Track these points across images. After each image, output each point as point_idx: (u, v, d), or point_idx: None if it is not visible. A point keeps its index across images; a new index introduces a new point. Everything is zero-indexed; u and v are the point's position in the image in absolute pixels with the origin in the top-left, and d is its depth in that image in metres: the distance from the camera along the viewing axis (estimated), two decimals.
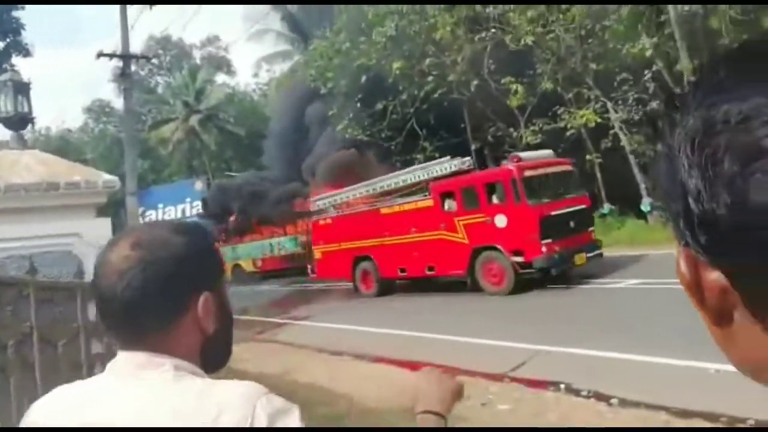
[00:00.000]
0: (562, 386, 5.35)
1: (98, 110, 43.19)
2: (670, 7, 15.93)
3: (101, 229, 3.66)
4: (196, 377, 0.88)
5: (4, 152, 3.79)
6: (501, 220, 10.25)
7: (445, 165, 12.76)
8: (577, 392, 5.21)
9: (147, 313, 0.87)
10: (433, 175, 12.49)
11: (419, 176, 12.93)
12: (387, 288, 12.82)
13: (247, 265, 23.44)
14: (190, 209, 31.53)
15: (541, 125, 18.61)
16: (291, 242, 22.19)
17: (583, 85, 18.22)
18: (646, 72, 16.93)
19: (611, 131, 17.60)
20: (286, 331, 10.23)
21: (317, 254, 14.66)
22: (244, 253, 23.75)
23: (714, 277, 0.38)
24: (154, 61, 41.41)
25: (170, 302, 0.89)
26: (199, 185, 31.61)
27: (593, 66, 17.79)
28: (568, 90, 18.44)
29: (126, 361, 0.89)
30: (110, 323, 0.91)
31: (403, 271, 12.22)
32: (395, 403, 5.43)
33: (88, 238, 3.51)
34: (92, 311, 3.31)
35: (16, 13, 18.49)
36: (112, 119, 41.61)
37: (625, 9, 16.83)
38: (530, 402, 5.11)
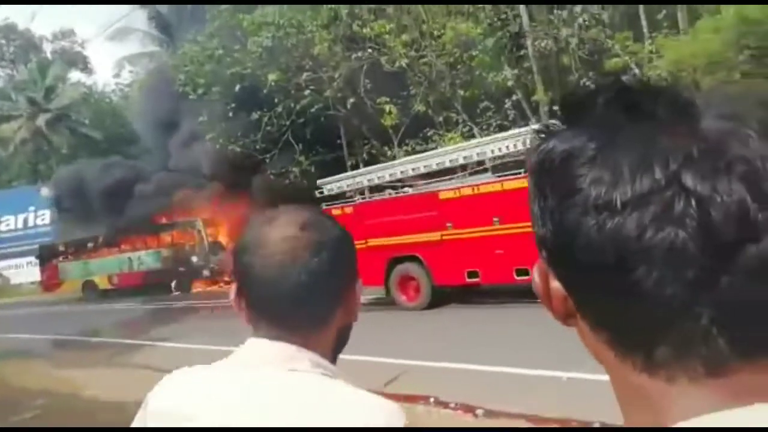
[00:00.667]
0: (432, 399, 5.44)
1: None
2: (529, 44, 17.45)
3: None
4: (340, 379, 0.81)
5: None
6: None
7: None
8: (445, 404, 5.33)
9: (316, 300, 0.80)
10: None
11: (503, 148, 9.54)
12: (440, 298, 9.87)
13: (102, 282, 21.42)
14: (35, 219, 28.21)
15: (413, 146, 19.29)
16: (152, 257, 20.67)
17: (451, 110, 19.24)
18: (506, 100, 18.30)
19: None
20: (144, 353, 9.41)
21: None
22: (98, 268, 21.68)
23: (556, 286, 0.46)
24: None
25: (338, 289, 0.83)
26: (45, 191, 28.36)
27: (461, 92, 18.87)
28: (438, 113, 19.36)
29: (275, 353, 0.80)
30: (268, 309, 0.82)
31: (473, 275, 9.32)
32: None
33: None
34: None
35: None
36: None
37: (491, 41, 18.12)
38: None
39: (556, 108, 2.13)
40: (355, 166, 21.17)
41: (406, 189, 10.82)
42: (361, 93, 19.11)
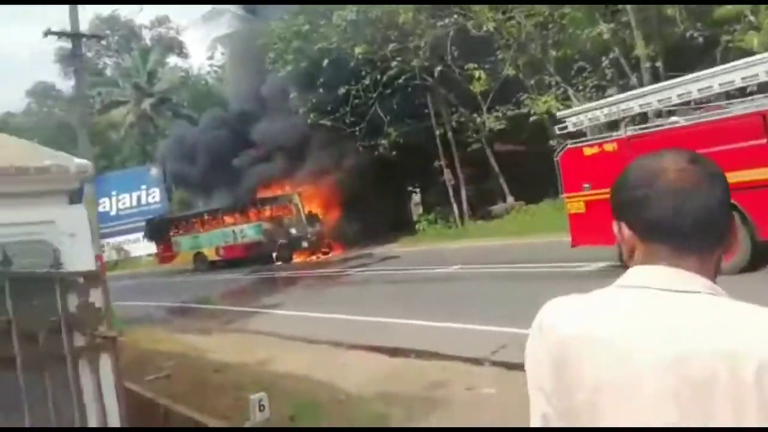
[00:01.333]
0: None
1: (42, 93, 41.10)
2: None
3: (75, 216, 3.43)
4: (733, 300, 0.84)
5: None
6: None
7: None
8: None
9: (717, 224, 0.86)
10: None
11: None
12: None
13: (210, 254, 22.96)
14: (146, 196, 30.55)
15: (504, 111, 18.79)
16: (254, 229, 21.81)
17: (544, 72, 18.46)
18: (603, 59, 17.28)
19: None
20: (256, 320, 10.04)
21: (575, 206, 9.06)
22: (206, 241, 23.23)
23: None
24: (102, 41, 39.71)
25: (727, 219, 0.88)
26: (155, 171, 30.58)
27: (553, 53, 18.02)
28: (529, 76, 18.66)
29: (672, 276, 0.85)
30: (668, 234, 0.86)
31: None
32: (375, 389, 5.41)
33: (62, 225, 3.28)
34: (72, 302, 3.11)
35: None
36: (58, 103, 39.68)
37: None
38: (515, 384, 5.15)
39: (658, 64, 2.18)
40: (444, 136, 21.01)
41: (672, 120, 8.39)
42: (448, 60, 18.77)
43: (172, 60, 41.46)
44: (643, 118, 9.65)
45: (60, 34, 11.29)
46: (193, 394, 5.68)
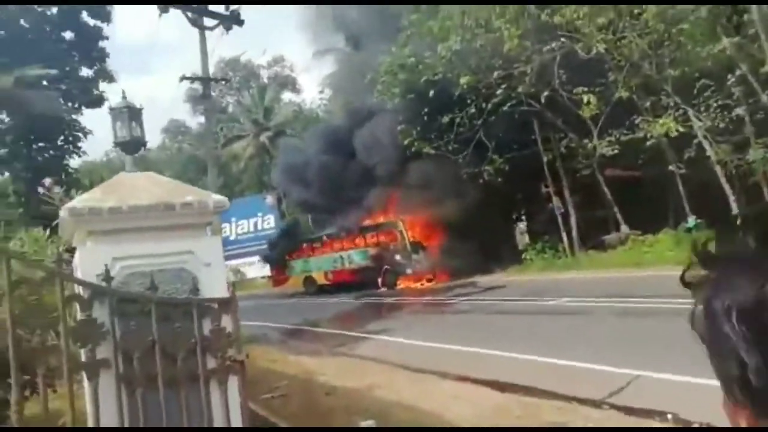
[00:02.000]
0: (669, 416, 5.05)
1: (174, 130, 45.46)
2: (754, 8, 15.06)
3: (211, 247, 3.79)
4: None
5: (123, 175, 4.00)
6: None
7: None
8: (688, 422, 4.91)
9: None
10: None
11: None
12: None
13: (319, 278, 23.90)
14: (262, 222, 32.54)
15: (618, 135, 17.97)
16: (360, 255, 22.43)
17: (660, 93, 17.48)
18: (729, 76, 16.05)
19: (695, 140, 16.74)
20: (364, 345, 10.26)
21: None
22: (315, 265, 24.25)
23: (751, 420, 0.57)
24: (226, 83, 43.34)
25: None
26: (269, 200, 32.60)
27: (671, 72, 17.03)
28: (643, 98, 17.76)
29: None
30: None
31: None
32: (484, 424, 5.33)
33: (200, 255, 3.65)
34: (207, 327, 3.43)
35: (101, 43, 19.85)
36: (186, 138, 43.66)
37: (704, 9, 16.06)
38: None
39: None
40: (552, 162, 20.46)
41: None
42: (555, 85, 18.36)
43: (287, 96, 44.25)
44: None
45: (192, 79, 12.52)
46: (305, 415, 5.92)
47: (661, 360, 6.37)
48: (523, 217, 23.90)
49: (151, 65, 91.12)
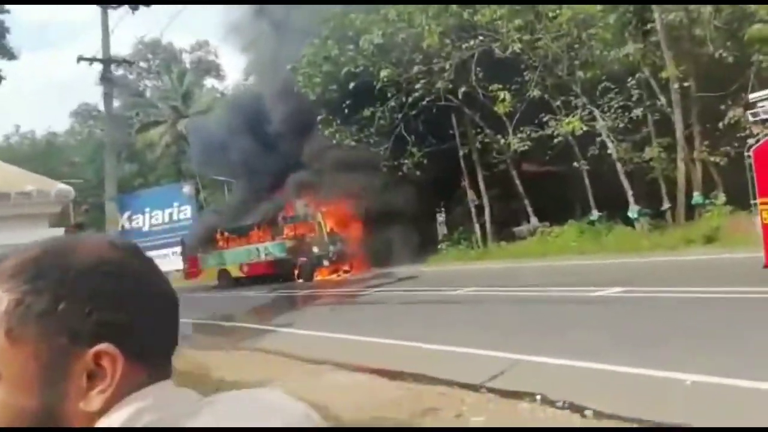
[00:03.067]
0: (538, 397, 5.28)
1: (85, 114, 42.89)
2: (657, 15, 16.05)
3: None
4: None
5: None
6: None
7: None
8: (552, 403, 5.14)
9: None
10: None
11: None
12: None
13: (234, 270, 23.32)
14: (178, 213, 31.34)
15: (528, 132, 18.67)
16: (277, 247, 22.10)
17: (570, 93, 18.31)
18: (630, 79, 17.04)
19: (598, 138, 17.68)
20: (269, 338, 10.10)
21: None
22: (230, 258, 23.64)
23: None
24: (143, 64, 41.29)
25: None
26: (187, 189, 31.42)
27: (580, 74, 17.87)
28: (555, 98, 18.54)
29: None
30: None
31: None
32: (369, 414, 5.37)
33: None
34: None
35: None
36: (99, 123, 41.28)
37: (612, 16, 16.94)
38: (504, 413, 5.05)
39: (687, 84, 1.95)
40: (468, 156, 20.97)
41: None
42: (472, 82, 18.79)
43: (210, 82, 42.76)
44: None
45: (91, 60, 11.78)
46: None
47: (544, 344, 6.69)
48: (442, 210, 24.37)
49: (57, 44, 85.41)
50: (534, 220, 19.75)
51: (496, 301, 10.66)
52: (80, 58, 11.83)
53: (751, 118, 7.95)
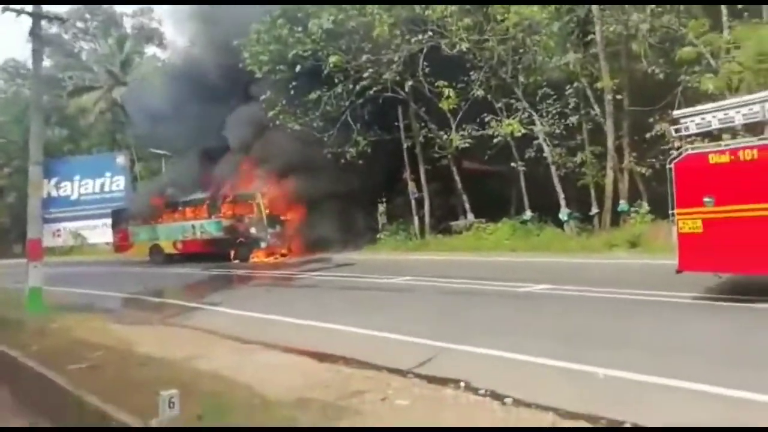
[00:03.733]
0: (462, 384, 5.51)
1: (12, 71, 40.10)
2: (597, 29, 16.79)
3: None
4: None
5: None
6: None
7: None
8: (475, 390, 5.38)
9: None
10: None
11: None
12: None
13: (167, 246, 22.66)
14: (110, 184, 30.02)
15: (470, 130, 19.13)
16: (214, 226, 21.63)
17: (512, 96, 18.89)
18: (568, 87, 17.77)
19: (535, 142, 18.35)
20: (198, 316, 9.95)
21: (689, 226, 7.64)
22: (163, 233, 22.94)
23: None
24: (80, 24, 39.04)
25: None
26: (121, 160, 30.11)
27: (521, 78, 18.45)
28: (498, 99, 19.07)
29: None
30: None
31: None
32: (295, 395, 5.45)
33: None
34: None
35: None
36: (27, 82, 38.71)
37: (557, 24, 17.58)
38: (429, 398, 5.25)
39: (620, 96, 2.15)
40: (412, 149, 21.24)
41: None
42: (419, 76, 19.03)
43: (151, 50, 40.95)
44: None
45: (18, 12, 11.01)
46: (112, 387, 5.62)
47: (472, 335, 6.98)
48: (384, 200, 24.62)
49: None
50: (471, 215, 20.31)
51: (429, 291, 10.95)
52: (6, 8, 11.05)
53: (674, 133, 8.52)
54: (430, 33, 18.67)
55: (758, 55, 13.17)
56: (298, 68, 19.56)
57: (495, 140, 18.61)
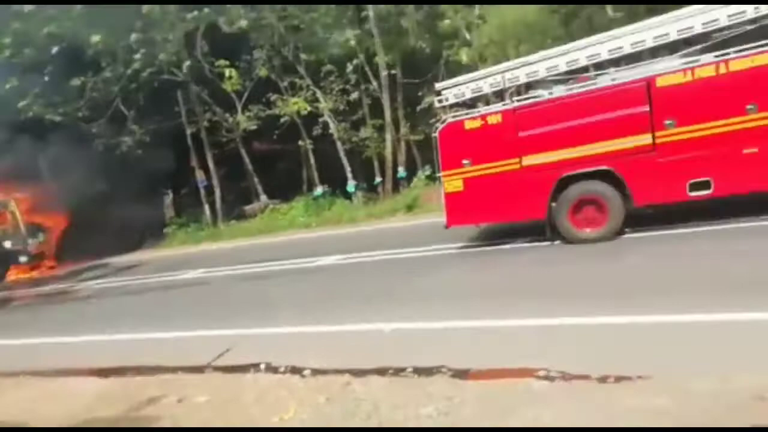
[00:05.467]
0: (262, 366, 5.49)
1: None
2: (370, 6, 17.56)
3: None
4: None
5: None
6: None
7: None
8: (275, 369, 5.40)
9: None
10: None
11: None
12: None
13: None
14: None
15: (256, 111, 18.80)
16: None
17: (296, 74, 18.95)
18: (348, 64, 18.44)
19: (321, 119, 18.76)
20: None
21: (453, 185, 8.37)
22: None
23: None
24: None
25: None
26: None
27: (304, 56, 18.61)
28: (282, 78, 18.98)
29: None
30: None
31: (703, 187, 7.01)
32: (81, 417, 4.90)
33: None
34: None
35: None
36: None
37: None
38: (228, 388, 5.13)
39: (394, 72, 2.15)
40: (196, 135, 20.15)
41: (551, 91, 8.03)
42: (198, 56, 18.02)
43: None
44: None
45: None
46: None
47: (267, 316, 6.95)
48: (169, 191, 23.06)
49: None
50: (264, 197, 20.13)
51: (225, 280, 10.62)
52: None
53: (437, 104, 9.42)
54: (207, 9, 17.70)
55: (500, 28, 15.03)
56: (54, 50, 17.05)
57: (282, 120, 18.59)
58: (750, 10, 6.90)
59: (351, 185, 18.49)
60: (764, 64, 6.58)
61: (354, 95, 18.69)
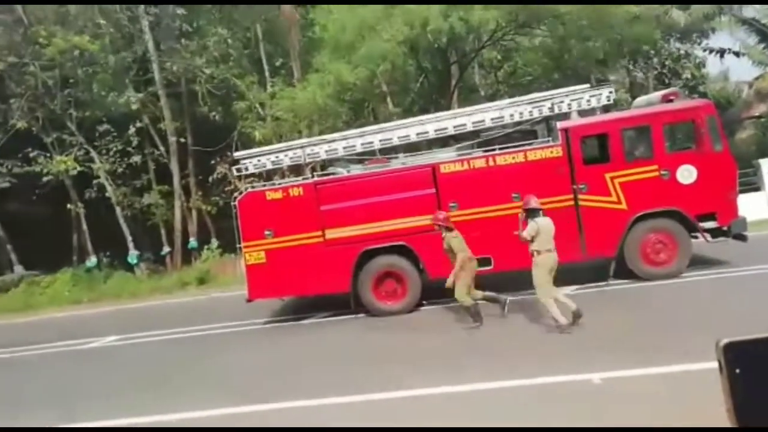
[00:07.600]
0: None
1: None
2: (155, 68, 16.72)
3: None
4: None
5: None
6: (688, 174, 7.79)
7: (586, 97, 8.31)
8: None
9: None
10: (552, 112, 8.33)
11: (527, 113, 8.40)
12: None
13: None
14: None
15: (10, 167, 16.20)
16: None
17: (65, 130, 16.94)
18: (131, 126, 17.11)
19: (96, 181, 16.90)
20: None
21: (255, 256, 8.15)
22: None
23: None
24: None
25: None
26: None
27: (74, 112, 16.78)
28: (48, 133, 16.79)
29: None
30: None
31: (485, 263, 7.62)
32: None
33: None
34: None
35: None
36: None
37: (112, 58, 16.76)
38: None
39: (184, 139, 1.79)
40: None
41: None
42: None
43: None
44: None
45: None
46: None
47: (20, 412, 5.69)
48: None
49: None
50: (19, 268, 17.04)
51: None
52: None
53: (235, 173, 9.18)
54: None
55: (291, 110, 15.52)
56: None
57: (45, 179, 16.27)
58: (507, 116, 8.41)
59: (133, 255, 16.59)
60: (522, 162, 7.84)
61: (136, 159, 17.23)
